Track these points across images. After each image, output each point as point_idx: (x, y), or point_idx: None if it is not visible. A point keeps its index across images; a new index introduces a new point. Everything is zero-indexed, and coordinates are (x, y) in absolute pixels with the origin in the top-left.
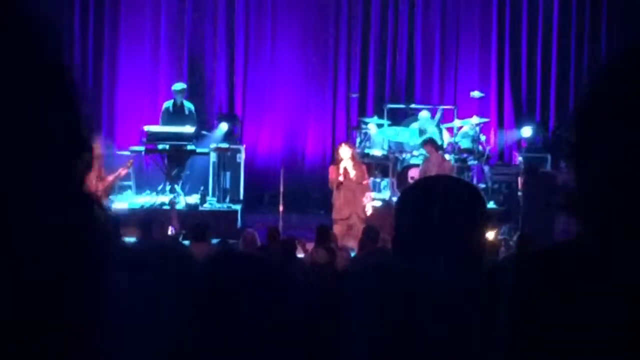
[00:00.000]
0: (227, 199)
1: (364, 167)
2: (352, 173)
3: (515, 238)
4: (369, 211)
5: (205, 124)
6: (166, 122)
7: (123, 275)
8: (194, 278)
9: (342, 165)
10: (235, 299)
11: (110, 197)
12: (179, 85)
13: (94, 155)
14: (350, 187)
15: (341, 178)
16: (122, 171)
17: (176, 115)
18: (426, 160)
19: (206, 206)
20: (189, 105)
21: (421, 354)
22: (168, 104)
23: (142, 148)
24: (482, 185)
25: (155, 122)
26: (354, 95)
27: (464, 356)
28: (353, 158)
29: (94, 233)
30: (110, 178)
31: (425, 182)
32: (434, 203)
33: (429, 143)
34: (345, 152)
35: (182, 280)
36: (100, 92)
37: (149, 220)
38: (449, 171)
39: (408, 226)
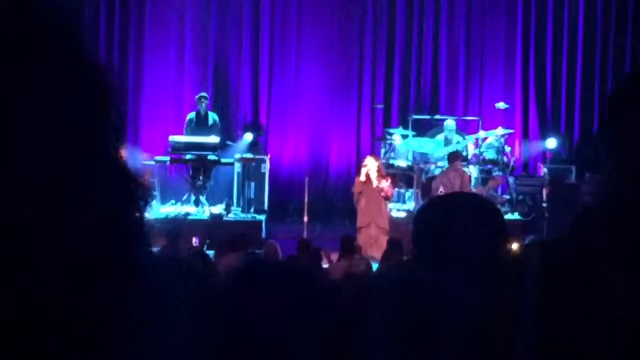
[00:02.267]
0: (252, 209)
1: (389, 178)
2: (375, 182)
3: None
4: (391, 209)
5: (229, 134)
6: (190, 133)
7: (147, 286)
8: (216, 292)
9: (364, 171)
10: (264, 308)
11: None
12: (200, 94)
13: None
14: (372, 195)
15: (362, 178)
16: None
17: (200, 125)
18: (447, 171)
19: (231, 216)
20: (213, 116)
21: None
22: (192, 115)
23: (167, 158)
24: (507, 197)
25: (180, 133)
26: (379, 106)
27: None
28: (379, 170)
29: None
30: None
31: (443, 199)
32: (454, 220)
33: (458, 156)
34: (371, 164)
35: (203, 296)
36: (125, 102)
37: (176, 230)
38: (468, 183)
39: (427, 242)
